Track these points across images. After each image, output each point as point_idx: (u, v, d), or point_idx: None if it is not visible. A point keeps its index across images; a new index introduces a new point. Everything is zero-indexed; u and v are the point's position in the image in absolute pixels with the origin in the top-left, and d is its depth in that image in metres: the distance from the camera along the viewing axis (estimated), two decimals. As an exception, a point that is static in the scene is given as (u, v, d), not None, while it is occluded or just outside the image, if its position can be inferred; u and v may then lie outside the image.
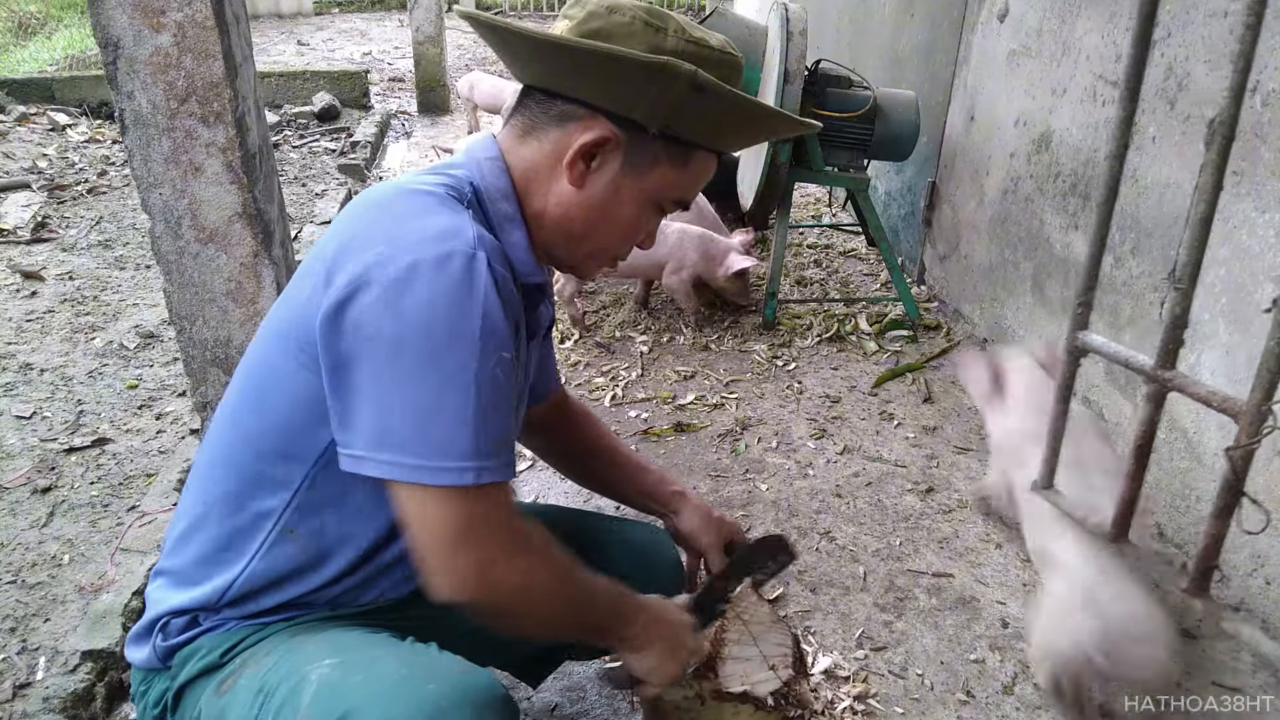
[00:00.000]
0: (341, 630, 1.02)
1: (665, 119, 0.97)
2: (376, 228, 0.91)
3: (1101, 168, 2.34)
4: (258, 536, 1.00)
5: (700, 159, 1.04)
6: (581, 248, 1.07)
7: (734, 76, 1.00)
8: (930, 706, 1.64)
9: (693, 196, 1.09)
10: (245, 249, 1.74)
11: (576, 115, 0.98)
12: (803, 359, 3.07)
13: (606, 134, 0.97)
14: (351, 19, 10.88)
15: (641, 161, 1.00)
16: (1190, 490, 1.96)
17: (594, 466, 1.42)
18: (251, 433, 1.00)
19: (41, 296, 3.24)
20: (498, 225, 1.00)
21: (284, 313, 0.99)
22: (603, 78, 0.94)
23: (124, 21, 1.55)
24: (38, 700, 1.49)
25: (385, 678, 0.88)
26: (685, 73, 0.90)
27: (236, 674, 0.97)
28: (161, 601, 1.04)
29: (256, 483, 1.00)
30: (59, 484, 2.17)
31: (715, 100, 0.95)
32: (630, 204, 1.03)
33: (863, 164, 3.28)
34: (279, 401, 0.97)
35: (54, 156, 4.82)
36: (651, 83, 0.92)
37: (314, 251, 0.99)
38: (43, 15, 9.21)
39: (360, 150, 5.35)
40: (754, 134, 1.10)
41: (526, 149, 1.02)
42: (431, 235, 0.88)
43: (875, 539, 2.12)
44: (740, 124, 1.01)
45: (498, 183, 1.01)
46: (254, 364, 1.02)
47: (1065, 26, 2.54)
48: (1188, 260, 1.09)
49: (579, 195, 1.01)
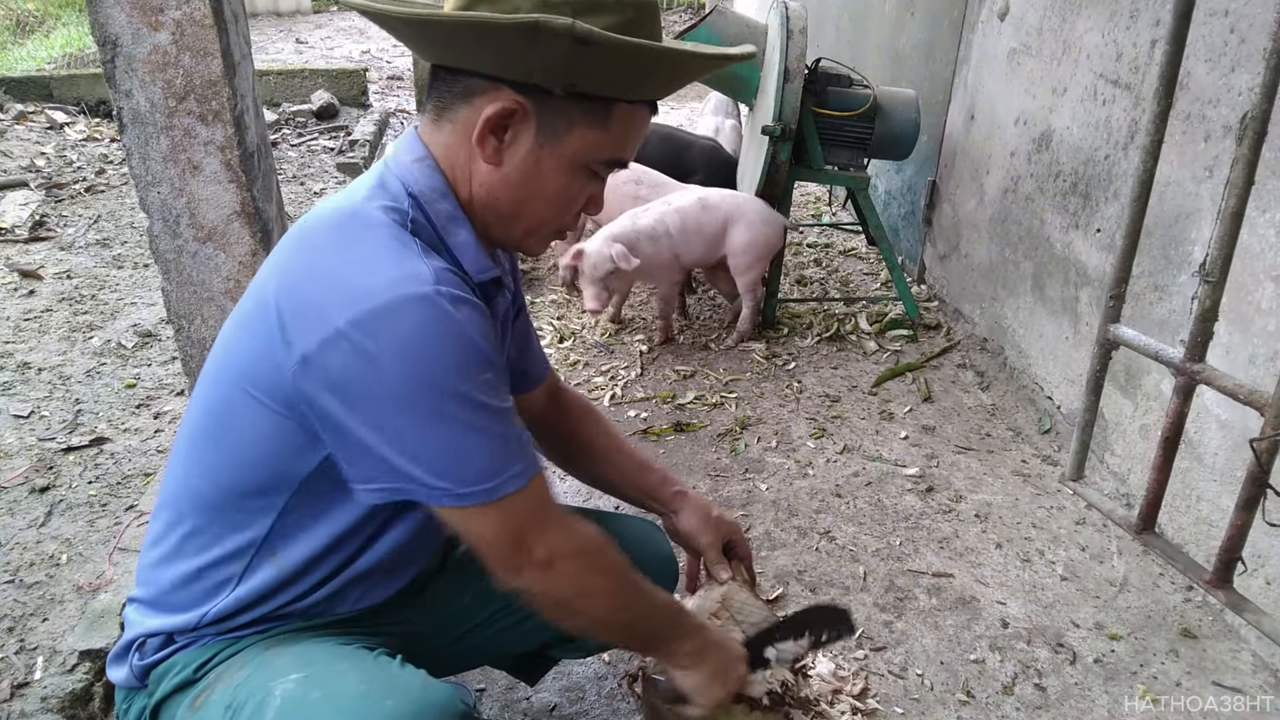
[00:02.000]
0: (313, 643, 1.01)
1: (565, 78, 0.90)
2: (328, 278, 0.88)
3: (1102, 166, 2.34)
4: (238, 564, 1.00)
5: (622, 113, 0.96)
6: (516, 226, 1.01)
7: (643, 18, 0.92)
8: (930, 707, 1.64)
9: (627, 154, 1.01)
10: (244, 248, 1.74)
11: (479, 89, 0.93)
12: (802, 358, 3.07)
13: (510, 104, 0.92)
14: (350, 17, 10.86)
15: (556, 127, 0.94)
16: (1191, 490, 1.95)
17: (593, 463, 1.41)
18: (220, 471, 0.98)
19: (39, 295, 3.23)
20: (442, 228, 0.97)
21: (237, 354, 0.96)
22: (485, 47, 0.89)
23: (122, 19, 1.55)
24: (35, 700, 1.49)
25: (344, 694, 0.89)
26: (561, 27, 0.83)
27: (210, 689, 0.97)
28: (138, 624, 1.04)
29: (232, 517, 0.99)
30: (57, 483, 2.17)
31: (609, 51, 0.87)
32: (554, 174, 0.97)
33: (863, 163, 3.27)
34: (244, 443, 0.95)
35: (52, 155, 4.81)
36: (533, 43, 0.86)
37: (257, 286, 0.95)
38: (41, 13, 9.19)
39: (359, 148, 5.35)
40: (669, 78, 0.99)
41: (442, 133, 0.98)
42: (387, 282, 0.85)
43: (875, 539, 2.12)
44: (648, 70, 0.93)
45: (430, 182, 0.97)
46: (211, 404, 0.99)
47: (1066, 25, 2.54)
48: (1218, 254, 1.09)
49: (498, 173, 0.96)
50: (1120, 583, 1.99)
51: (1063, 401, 2.55)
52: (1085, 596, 1.94)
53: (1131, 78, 2.22)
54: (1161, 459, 1.21)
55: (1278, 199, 1.71)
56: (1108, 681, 1.70)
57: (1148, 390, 2.14)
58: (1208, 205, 1.92)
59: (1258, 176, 1.76)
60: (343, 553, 1.02)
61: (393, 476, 0.89)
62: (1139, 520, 1.29)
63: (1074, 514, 2.23)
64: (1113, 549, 2.10)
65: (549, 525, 0.96)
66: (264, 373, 0.91)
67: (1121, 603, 1.92)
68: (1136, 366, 2.18)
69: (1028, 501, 2.29)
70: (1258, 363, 1.76)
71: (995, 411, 2.75)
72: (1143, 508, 1.26)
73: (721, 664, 1.12)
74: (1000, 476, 2.40)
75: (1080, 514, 2.23)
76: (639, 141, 1.03)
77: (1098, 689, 1.68)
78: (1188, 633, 1.84)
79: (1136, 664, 1.75)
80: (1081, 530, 2.17)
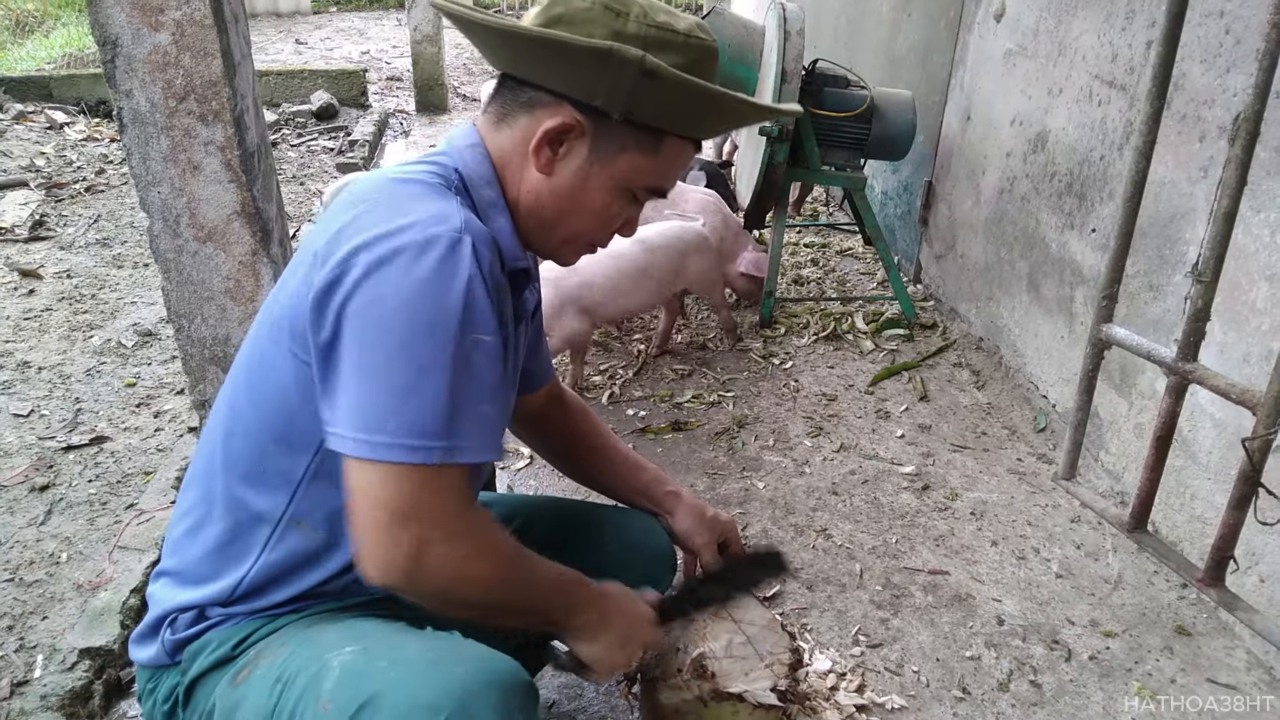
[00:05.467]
0: (358, 619, 1.02)
1: (625, 105, 0.96)
2: (365, 216, 0.92)
3: (1097, 167, 2.35)
4: (264, 530, 1.00)
5: (671, 146, 1.03)
6: (555, 235, 1.06)
7: (703, 61, 0.99)
8: (926, 703, 1.65)
9: (669, 185, 1.08)
10: (244, 247, 1.74)
11: (543, 102, 0.99)
12: (799, 357, 3.08)
13: (570, 120, 0.98)
14: (349, 18, 10.88)
15: (608, 148, 1.00)
16: (1185, 488, 1.96)
17: (589, 464, 1.42)
18: (250, 426, 1.00)
19: (39, 295, 3.23)
20: (483, 211, 1.01)
21: (275, 305, 0.99)
22: (558, 65, 0.95)
23: (122, 19, 1.55)
24: (35, 698, 1.49)
25: (411, 661, 0.88)
26: (633, 58, 0.90)
27: (252, 665, 0.96)
28: (167, 599, 1.04)
29: (260, 476, 1.00)
30: (57, 482, 2.18)
31: (671, 86, 0.93)
32: (600, 191, 1.02)
33: (859, 163, 3.29)
34: (275, 392, 0.97)
35: (52, 155, 4.81)
36: (603, 69, 0.92)
37: (304, 243, 0.99)
38: (40, 13, 9.19)
39: (358, 149, 5.35)
40: (723, 121, 1.07)
41: (501, 136, 1.03)
42: (419, 220, 0.89)
43: (871, 536, 2.13)
44: (702, 110, 0.99)
45: (480, 169, 1.02)
46: (248, 358, 1.02)
47: (1061, 27, 2.55)
48: (1211, 254, 1.10)
49: (548, 183, 1.01)
50: (1115, 580, 2.00)
51: (1058, 400, 2.56)
52: (1080, 594, 1.95)
53: (1127, 79, 2.23)
54: (1154, 458, 1.22)
55: (1272, 199, 1.72)
56: (1103, 679, 1.71)
57: (1142, 389, 2.15)
58: (1202, 205, 1.93)
59: (1252, 177, 1.77)
60: None
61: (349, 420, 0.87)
62: (1131, 519, 1.31)
63: (1069, 511, 2.24)
64: (1108, 546, 2.11)
65: (452, 513, 0.89)
66: (295, 312, 0.92)
67: (1116, 600, 1.93)
68: (1131, 366, 2.19)
69: (1023, 499, 2.30)
70: (1252, 361, 1.77)
71: (991, 410, 2.76)
72: (1135, 506, 1.27)
73: (625, 629, 1.09)
74: (996, 475, 2.41)
75: (1075, 512, 2.24)
76: (679, 174, 1.09)
77: (1093, 686, 1.69)
78: (1182, 630, 1.85)
79: (1131, 661, 1.76)
80: (1076, 528, 2.18)
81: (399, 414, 0.86)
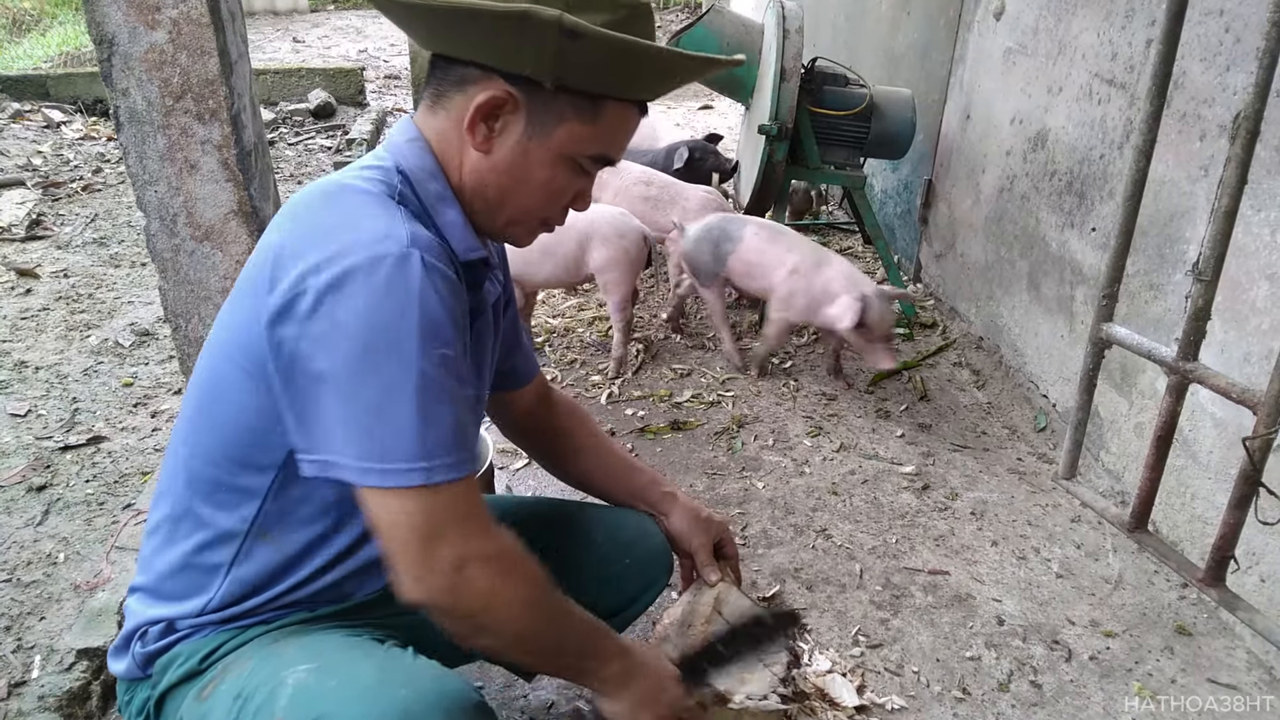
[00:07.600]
0: (320, 634, 1.02)
1: (554, 71, 0.91)
2: (310, 234, 0.90)
3: (1097, 166, 2.35)
4: (232, 545, 1.00)
5: (611, 110, 0.97)
6: (502, 214, 1.03)
7: (635, 19, 0.93)
8: (926, 704, 1.64)
9: (615, 152, 1.02)
10: (241, 246, 1.74)
11: (473, 78, 0.95)
12: (799, 357, 3.07)
13: (500, 93, 0.94)
14: (347, 16, 10.85)
15: (546, 119, 0.96)
16: (1185, 488, 1.96)
17: (580, 464, 1.41)
18: (210, 447, 0.99)
19: (36, 294, 3.22)
20: (431, 207, 0.99)
21: (227, 323, 0.97)
22: (477, 36, 0.91)
23: (119, 18, 1.55)
24: (33, 699, 1.49)
25: (359, 682, 0.89)
26: (549, 18, 0.84)
27: (217, 680, 0.97)
28: (139, 613, 1.04)
29: (223, 496, 0.99)
30: (54, 482, 2.17)
31: (597, 45, 0.88)
32: (542, 165, 0.98)
33: (859, 162, 3.28)
34: (232, 412, 0.96)
35: (48, 154, 4.80)
36: (522, 34, 0.87)
37: (253, 259, 0.97)
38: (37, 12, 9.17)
39: (356, 147, 5.34)
40: (661, 79, 1.00)
41: (438, 120, 1.00)
42: (364, 239, 0.87)
43: (871, 536, 2.13)
44: (637, 69, 0.94)
45: (421, 163, 0.99)
46: (202, 378, 1.01)
47: (1061, 25, 2.54)
48: (1211, 253, 1.09)
49: (488, 160, 0.98)
50: (1115, 580, 1.99)
51: (1058, 400, 2.56)
52: (1080, 594, 1.95)
53: (1127, 77, 2.22)
54: (1154, 458, 1.22)
55: (1273, 198, 1.72)
56: (1103, 679, 1.71)
57: (1143, 389, 2.15)
58: (1203, 204, 1.93)
59: (1253, 176, 1.76)
60: (344, 536, 1.02)
61: (325, 443, 0.87)
62: (1132, 519, 1.30)
63: (1069, 511, 2.24)
64: (1108, 546, 2.11)
65: (471, 531, 0.91)
66: (249, 337, 0.91)
67: (1116, 600, 1.93)
68: (1132, 365, 2.19)
69: (1023, 499, 2.29)
70: (1252, 361, 1.76)
71: (991, 410, 2.76)
72: (1135, 506, 1.27)
73: (650, 688, 1.07)
74: (996, 474, 2.41)
75: (1075, 511, 2.24)
76: (628, 140, 1.04)
77: (1093, 686, 1.69)
78: (1183, 630, 1.85)
79: (1131, 661, 1.76)
80: (1077, 528, 2.18)
81: (372, 438, 0.86)
